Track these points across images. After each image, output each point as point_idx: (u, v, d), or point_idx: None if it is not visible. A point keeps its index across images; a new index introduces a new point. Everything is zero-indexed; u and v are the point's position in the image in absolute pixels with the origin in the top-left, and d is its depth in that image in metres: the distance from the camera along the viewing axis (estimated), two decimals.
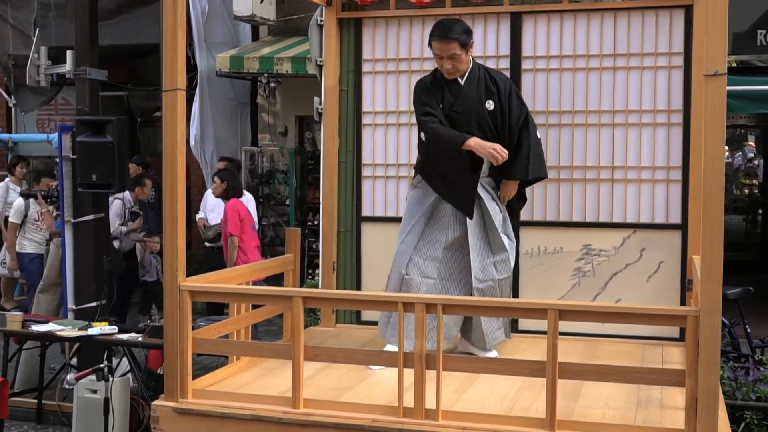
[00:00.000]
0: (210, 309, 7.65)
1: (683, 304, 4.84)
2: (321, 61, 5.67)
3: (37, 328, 6.06)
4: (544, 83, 5.10)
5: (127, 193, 8.39)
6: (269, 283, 6.12)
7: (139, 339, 5.73)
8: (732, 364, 5.78)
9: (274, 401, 3.78)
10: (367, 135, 5.41)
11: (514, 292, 4.95)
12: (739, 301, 6.51)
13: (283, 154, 10.75)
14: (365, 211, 5.42)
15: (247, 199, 7.99)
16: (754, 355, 6.37)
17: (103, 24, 7.33)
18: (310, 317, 6.27)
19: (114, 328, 5.87)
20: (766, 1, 8.09)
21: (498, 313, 4.16)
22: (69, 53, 6.93)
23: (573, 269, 5.07)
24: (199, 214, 8.56)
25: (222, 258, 7.61)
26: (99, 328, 5.87)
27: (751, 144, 15.46)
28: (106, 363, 5.01)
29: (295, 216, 10.51)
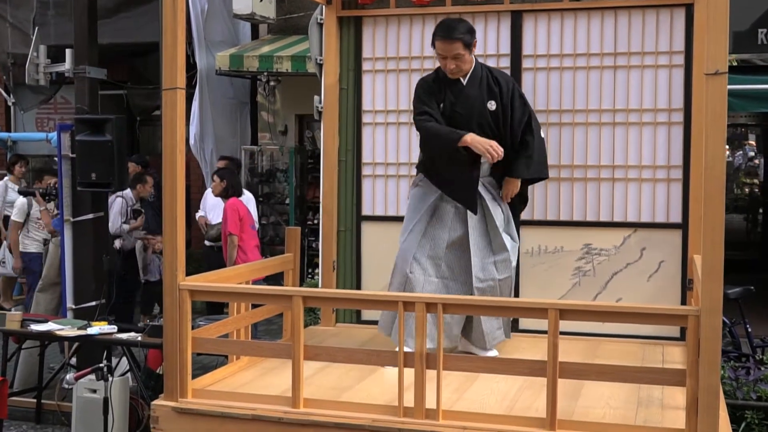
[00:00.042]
0: (210, 308, 7.65)
1: (684, 303, 4.84)
2: (321, 59, 5.67)
3: (36, 327, 6.04)
4: (544, 82, 5.09)
5: (128, 190, 8.38)
6: (269, 283, 6.11)
7: (139, 338, 5.72)
8: (733, 364, 5.78)
9: (274, 401, 3.78)
10: (367, 134, 5.40)
11: (515, 291, 4.94)
12: (740, 300, 6.50)
13: (282, 153, 10.74)
14: (365, 210, 5.41)
15: (247, 199, 7.98)
16: (755, 355, 6.37)
17: (102, 22, 7.31)
18: (310, 316, 6.26)
19: (113, 328, 5.86)
20: (766, 0, 8.08)
21: (498, 312, 4.15)
22: (68, 52, 6.91)
23: (573, 268, 5.06)
24: (199, 213, 8.55)
25: (222, 257, 7.60)
26: (98, 328, 5.86)
27: (752, 143, 15.44)
28: (106, 362, 4.98)
29: (294, 215, 10.50)
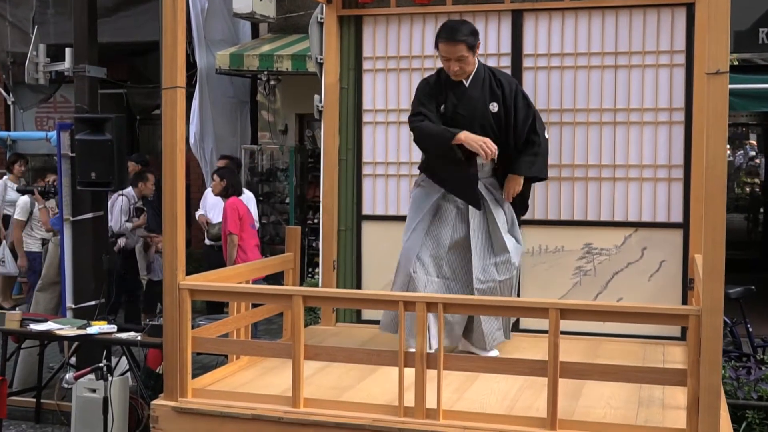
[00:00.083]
0: (210, 308, 7.64)
1: (685, 303, 4.83)
2: (321, 58, 5.66)
3: (35, 326, 6.03)
4: (545, 81, 5.08)
5: (130, 189, 8.38)
6: (269, 282, 6.10)
7: (138, 338, 5.71)
8: (734, 364, 5.78)
9: (274, 400, 3.77)
10: (367, 133, 5.39)
11: (517, 291, 4.93)
12: (741, 300, 6.50)
13: (283, 152, 10.73)
14: (365, 210, 5.40)
15: (248, 198, 7.97)
16: (756, 355, 6.37)
17: (102, 21, 7.30)
18: (310, 316, 6.26)
19: (113, 327, 5.86)
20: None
21: (499, 312, 4.15)
22: (68, 50, 6.91)
23: (574, 268, 5.06)
24: (200, 211, 8.54)
25: (222, 256, 7.59)
26: (98, 327, 5.85)
27: (753, 142, 15.42)
28: (105, 362, 4.97)
29: (295, 214, 10.49)
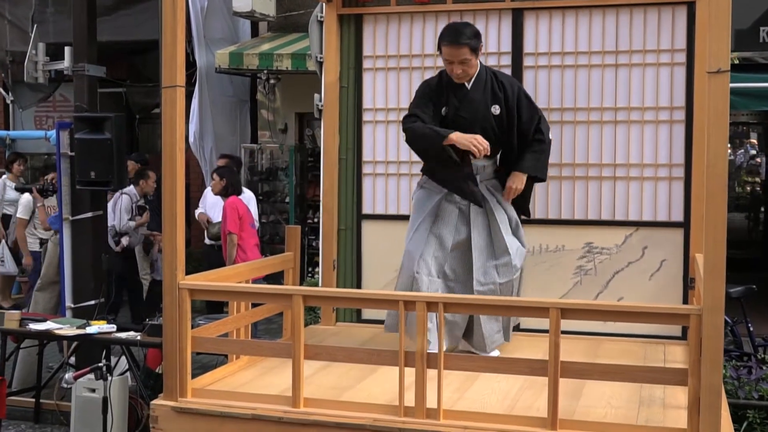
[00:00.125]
0: (209, 307, 7.64)
1: (686, 302, 4.83)
2: (321, 57, 5.65)
3: (35, 326, 6.02)
4: (545, 80, 5.07)
5: (132, 187, 8.38)
6: (269, 282, 6.09)
7: (138, 338, 5.70)
8: (734, 363, 5.77)
9: (274, 400, 3.76)
10: (367, 132, 5.38)
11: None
12: (742, 299, 6.49)
13: (282, 151, 10.72)
14: (366, 209, 5.39)
15: (248, 197, 7.96)
16: (757, 354, 6.35)
17: (101, 20, 7.30)
18: (310, 316, 6.25)
19: (112, 327, 5.85)
20: None
21: (499, 312, 4.14)
22: (67, 49, 6.89)
23: (575, 267, 5.05)
24: (199, 209, 8.52)
25: (221, 256, 7.58)
26: (97, 327, 5.85)
27: (754, 141, 15.42)
28: (105, 362, 4.97)
29: (294, 213, 10.48)
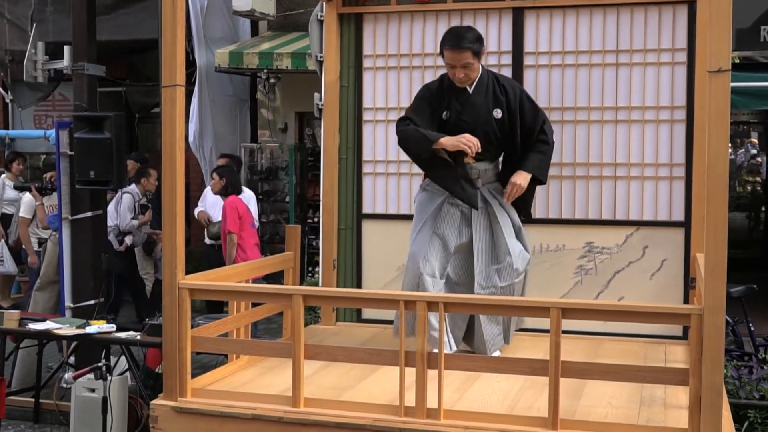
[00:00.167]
0: (209, 307, 7.63)
1: (686, 302, 4.82)
2: (321, 56, 5.64)
3: (34, 326, 6.01)
4: (546, 79, 5.06)
5: (133, 186, 8.38)
6: (268, 281, 6.08)
7: (138, 337, 5.69)
8: (735, 363, 5.77)
9: (274, 400, 3.76)
10: (367, 131, 5.37)
11: None
12: (743, 299, 6.49)
13: (282, 151, 10.71)
14: (366, 208, 5.39)
15: (248, 197, 7.95)
16: (758, 354, 6.34)
17: (101, 19, 7.29)
18: (310, 315, 6.24)
19: (112, 327, 5.84)
20: None
21: (500, 311, 4.13)
22: (66, 48, 6.88)
23: (575, 267, 5.04)
24: (199, 207, 8.51)
25: (221, 255, 7.57)
26: (97, 327, 5.84)
27: (754, 140, 15.43)
28: (104, 361, 4.95)
29: (295, 213, 10.48)
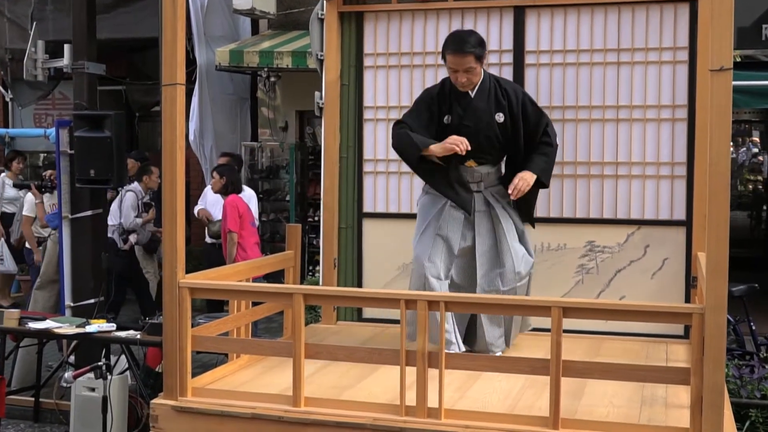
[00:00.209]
0: (209, 306, 7.62)
1: (688, 301, 4.81)
2: (322, 55, 5.63)
3: (34, 325, 6.00)
4: (547, 78, 5.05)
5: (136, 184, 8.37)
6: (269, 280, 6.08)
7: (138, 336, 5.69)
8: (737, 362, 5.76)
9: (274, 399, 3.75)
10: (368, 130, 5.36)
11: None
12: (744, 298, 6.49)
13: (283, 150, 10.71)
14: (366, 207, 5.38)
15: (249, 196, 7.94)
16: (759, 353, 6.34)
17: (101, 17, 7.28)
18: (310, 314, 6.24)
19: (112, 326, 5.84)
20: None
21: (501, 311, 4.12)
22: (66, 47, 6.88)
23: (576, 266, 5.03)
24: (199, 205, 8.50)
25: (222, 254, 7.57)
26: (97, 326, 5.83)
27: (756, 139, 15.42)
28: (105, 361, 4.95)
29: (295, 212, 10.47)
